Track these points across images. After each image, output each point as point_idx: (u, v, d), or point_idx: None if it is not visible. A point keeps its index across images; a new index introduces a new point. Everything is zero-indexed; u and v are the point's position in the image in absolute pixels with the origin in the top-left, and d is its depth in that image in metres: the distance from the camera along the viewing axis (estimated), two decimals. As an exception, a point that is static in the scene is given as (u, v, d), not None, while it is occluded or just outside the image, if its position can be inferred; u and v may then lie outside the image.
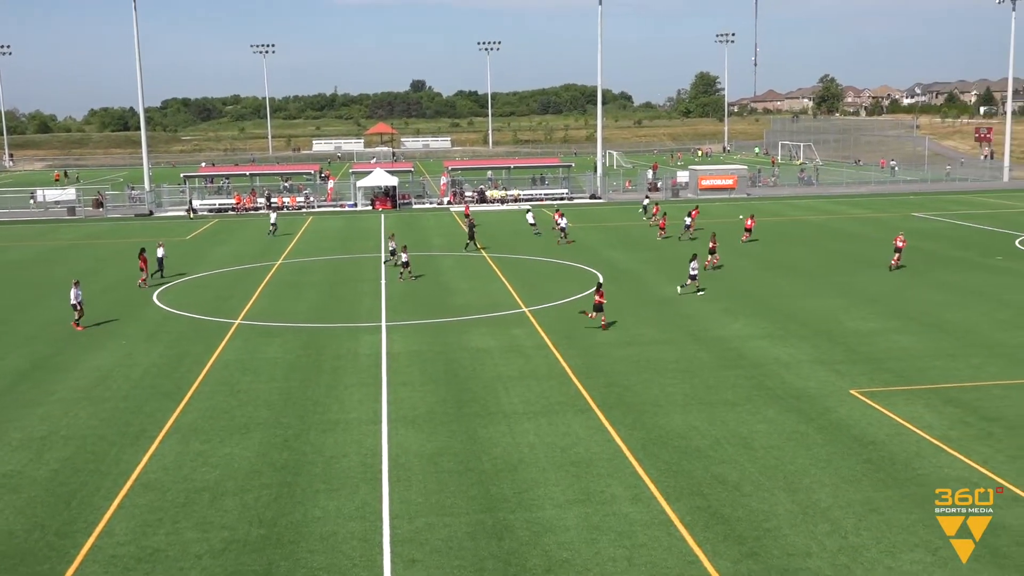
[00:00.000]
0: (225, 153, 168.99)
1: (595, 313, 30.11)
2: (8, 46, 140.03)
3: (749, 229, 49.68)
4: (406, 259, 40.32)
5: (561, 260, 44.96)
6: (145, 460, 19.43)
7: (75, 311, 31.81)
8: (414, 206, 75.52)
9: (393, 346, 28.63)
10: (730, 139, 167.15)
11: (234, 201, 74.90)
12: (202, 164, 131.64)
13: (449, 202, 76.23)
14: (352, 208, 74.87)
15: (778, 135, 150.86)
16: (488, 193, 77.32)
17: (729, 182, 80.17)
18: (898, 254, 40.61)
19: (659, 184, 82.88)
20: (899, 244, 40.96)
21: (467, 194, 77.51)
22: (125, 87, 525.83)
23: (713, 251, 41.37)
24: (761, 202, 71.87)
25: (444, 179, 79.91)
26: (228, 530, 16.08)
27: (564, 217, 51.85)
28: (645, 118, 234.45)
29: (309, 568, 14.75)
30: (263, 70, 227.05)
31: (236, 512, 16.79)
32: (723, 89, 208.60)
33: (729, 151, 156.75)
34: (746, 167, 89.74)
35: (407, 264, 40.25)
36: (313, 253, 49.76)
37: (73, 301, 31.72)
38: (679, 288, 36.10)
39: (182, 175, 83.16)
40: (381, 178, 74.42)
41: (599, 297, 30.07)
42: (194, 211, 71.55)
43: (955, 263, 42.17)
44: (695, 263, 35.77)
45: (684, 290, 35.82)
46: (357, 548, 15.38)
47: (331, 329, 31.30)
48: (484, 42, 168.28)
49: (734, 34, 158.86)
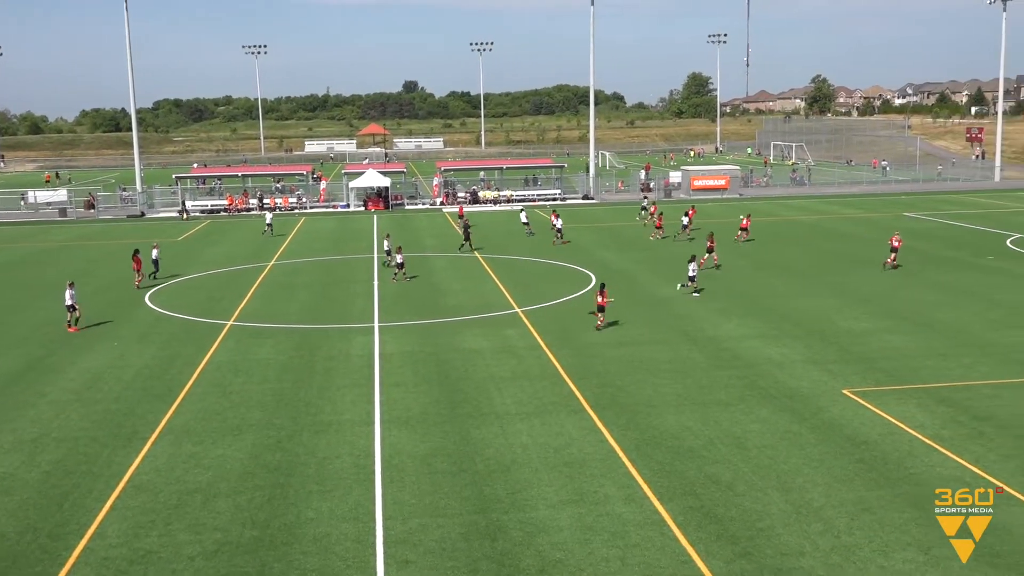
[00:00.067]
0: (217, 154, 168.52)
1: (600, 313, 30.17)
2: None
3: (745, 228, 49.80)
4: (401, 260, 40.31)
5: (554, 261, 44.99)
6: (137, 462, 19.38)
7: (69, 313, 31.70)
8: (407, 207, 75.50)
9: (386, 347, 28.60)
10: (722, 139, 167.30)
11: (226, 202, 74.82)
12: (194, 165, 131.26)
13: (442, 203, 76.19)
14: (344, 209, 74.83)
15: (770, 135, 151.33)
16: (481, 194, 77.30)
17: (721, 182, 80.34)
18: (894, 254, 40.64)
19: (652, 184, 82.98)
20: (895, 244, 40.90)
21: (460, 195, 77.49)
22: (117, 88, 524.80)
23: (711, 251, 41.46)
24: (754, 202, 71.96)
25: (437, 180, 79.86)
26: (221, 532, 16.05)
27: (560, 218, 51.94)
28: (638, 119, 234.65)
29: (302, 570, 14.73)
30: (255, 71, 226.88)
31: (229, 514, 16.76)
32: (715, 89, 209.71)
33: (722, 151, 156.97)
34: (739, 167, 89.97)
35: (402, 265, 40.24)
36: (305, 254, 49.70)
37: (69, 302, 31.63)
38: (679, 286, 36.21)
39: (174, 176, 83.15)
40: (373, 179, 74.39)
41: (602, 299, 30.08)
42: (187, 212, 71.41)
43: (947, 263, 42.30)
44: (694, 264, 35.80)
45: (684, 289, 35.89)
46: (350, 549, 15.37)
47: (324, 330, 31.26)
48: (476, 43, 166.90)
49: (726, 35, 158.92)
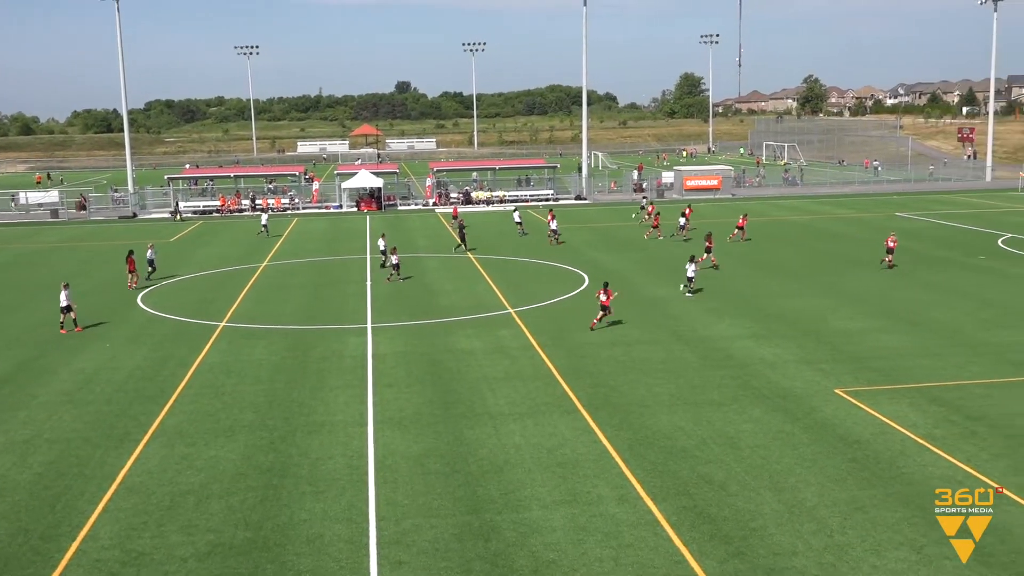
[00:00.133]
0: (209, 155, 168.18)
1: (602, 314, 30.22)
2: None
3: (741, 227, 49.91)
4: (396, 261, 40.27)
5: (547, 261, 45.00)
6: (130, 463, 19.32)
7: (63, 314, 31.54)
8: (399, 207, 75.44)
9: (379, 347, 28.57)
10: (715, 140, 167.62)
11: (219, 203, 74.66)
12: (186, 166, 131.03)
13: (435, 203, 76.15)
14: (337, 210, 74.75)
15: (762, 135, 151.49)
16: (474, 194, 77.29)
17: (714, 182, 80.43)
18: (890, 254, 40.71)
19: (644, 185, 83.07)
20: (891, 244, 40.97)
21: (452, 195, 77.46)
22: (108, 89, 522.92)
23: (709, 251, 41.50)
24: (746, 202, 72.07)
25: (429, 180, 79.85)
26: (214, 533, 16.01)
27: (555, 219, 51.91)
28: (630, 119, 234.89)
29: (295, 571, 14.70)
30: (247, 71, 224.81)
31: (221, 515, 16.72)
32: (708, 90, 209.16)
33: (714, 151, 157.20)
34: (731, 167, 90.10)
35: (397, 266, 40.20)
36: (298, 255, 49.63)
37: (64, 303, 31.49)
38: (682, 287, 36.12)
39: (166, 177, 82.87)
40: (366, 179, 74.35)
41: (606, 297, 30.07)
42: (180, 213, 71.22)
43: (939, 262, 42.42)
44: (693, 265, 35.70)
45: (685, 290, 35.89)
46: (343, 550, 15.34)
47: (316, 331, 31.21)
48: (469, 43, 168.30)
49: (718, 35, 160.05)
